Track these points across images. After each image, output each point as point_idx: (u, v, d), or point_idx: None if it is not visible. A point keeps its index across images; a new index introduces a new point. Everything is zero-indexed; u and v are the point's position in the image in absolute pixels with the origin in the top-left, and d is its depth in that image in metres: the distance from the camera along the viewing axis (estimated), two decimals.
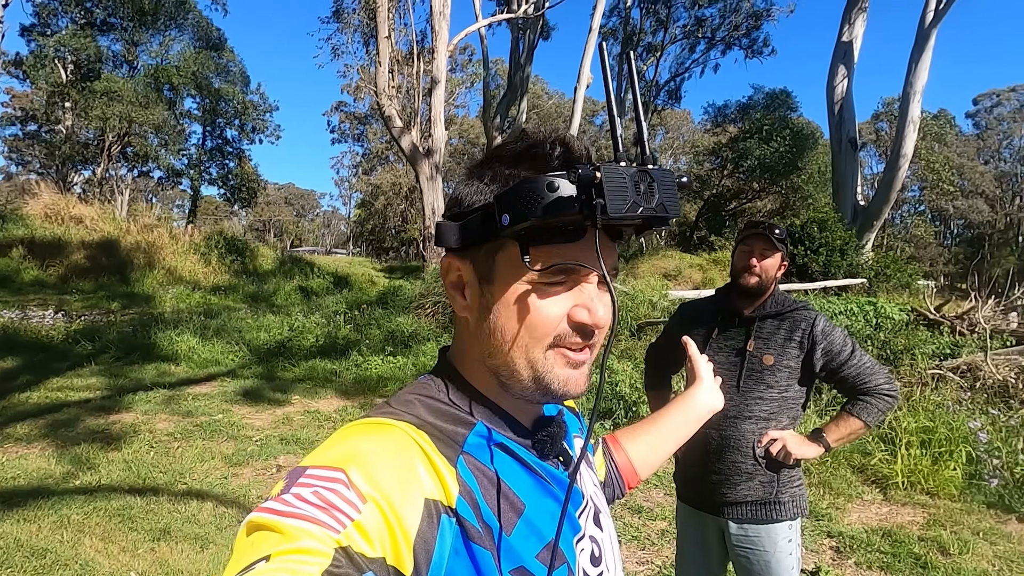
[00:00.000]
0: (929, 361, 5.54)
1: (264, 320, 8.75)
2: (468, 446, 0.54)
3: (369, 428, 0.53)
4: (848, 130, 16.14)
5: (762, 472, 1.71)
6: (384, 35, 12.42)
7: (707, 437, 1.77)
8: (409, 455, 0.51)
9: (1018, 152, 32.84)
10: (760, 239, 1.76)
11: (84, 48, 20.46)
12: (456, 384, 0.59)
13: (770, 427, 1.72)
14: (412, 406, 0.56)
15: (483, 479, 0.53)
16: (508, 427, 0.58)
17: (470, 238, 0.55)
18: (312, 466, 0.48)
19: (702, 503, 1.81)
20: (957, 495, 3.94)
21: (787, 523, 1.73)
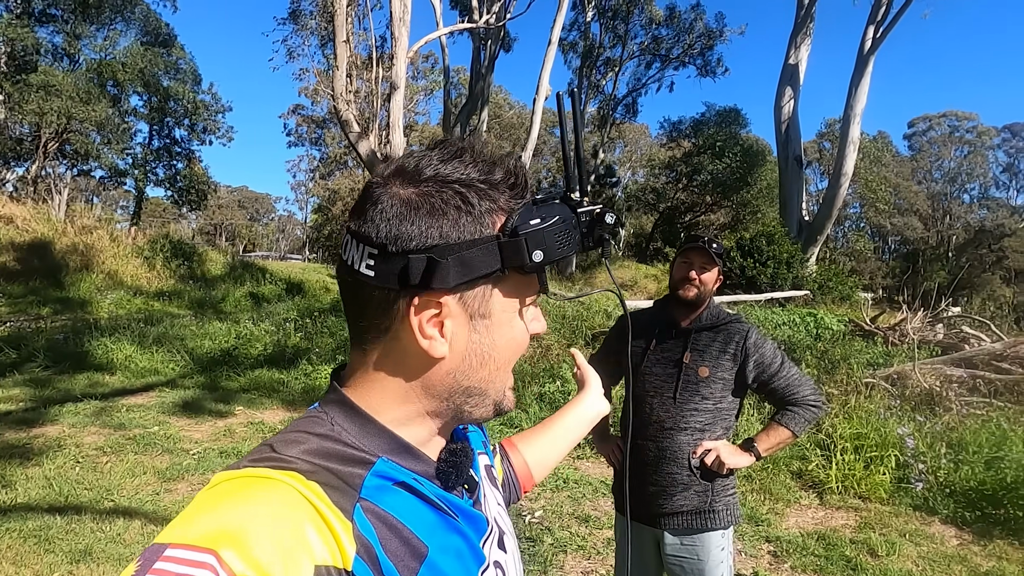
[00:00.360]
0: (864, 370, 5.81)
1: (209, 327, 8.42)
2: (366, 490, 0.50)
3: (247, 487, 0.46)
4: (794, 148, 16.89)
5: (697, 482, 1.74)
6: (342, 39, 12.23)
7: (643, 449, 1.79)
8: (296, 517, 0.45)
9: (947, 174, 35.08)
10: (699, 253, 1.81)
11: (20, 38, 19.34)
12: (352, 416, 0.54)
13: (705, 438, 1.75)
14: (299, 447, 0.50)
15: (382, 527, 0.49)
16: (412, 460, 0.55)
17: (473, 274, 0.51)
18: (174, 544, 0.41)
19: (639, 515, 1.82)
20: (886, 498, 4.13)
21: (721, 531, 1.76)
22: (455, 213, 0.51)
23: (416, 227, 0.50)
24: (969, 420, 4.76)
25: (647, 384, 1.82)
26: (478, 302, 0.53)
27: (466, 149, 0.54)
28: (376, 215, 0.51)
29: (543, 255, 0.52)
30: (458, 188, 0.51)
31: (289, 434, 0.52)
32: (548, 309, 8.71)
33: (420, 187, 0.51)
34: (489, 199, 0.52)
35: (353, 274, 0.52)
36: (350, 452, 0.52)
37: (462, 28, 16.69)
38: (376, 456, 0.52)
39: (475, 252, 0.51)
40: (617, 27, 23.51)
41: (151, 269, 13.85)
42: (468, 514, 0.58)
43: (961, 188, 35.55)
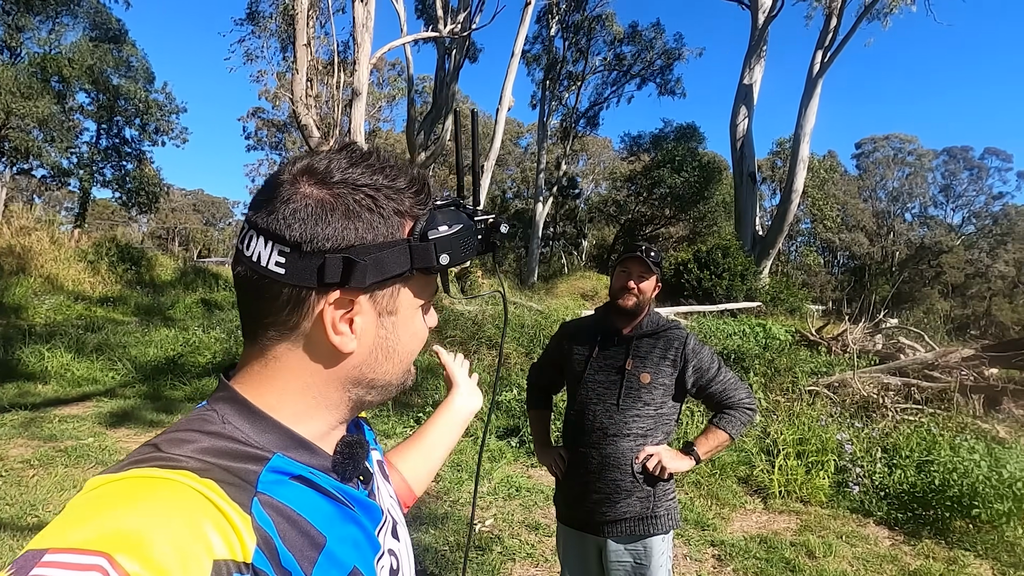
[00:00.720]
0: (808, 378, 6.03)
1: (155, 335, 8.09)
2: (263, 484, 0.50)
3: (137, 487, 0.44)
4: (748, 165, 17.50)
5: (640, 488, 1.75)
6: (303, 42, 12.06)
7: (587, 457, 1.79)
8: (192, 513, 0.43)
9: (891, 193, 37.00)
10: (637, 262, 1.84)
11: None
12: (245, 413, 0.54)
13: (647, 443, 1.77)
14: (189, 446, 0.49)
15: (280, 520, 0.49)
16: (306, 454, 0.55)
17: (386, 274, 0.54)
18: (54, 548, 0.38)
19: (583, 523, 1.82)
20: (826, 502, 4.29)
21: (662, 536, 1.79)
22: (368, 215, 0.53)
23: (332, 228, 0.51)
24: (903, 426, 5.00)
25: (590, 391, 1.83)
26: (387, 300, 0.56)
27: (372, 153, 0.56)
28: (288, 214, 0.51)
29: (449, 258, 0.56)
30: (368, 192, 0.53)
31: (176, 433, 0.51)
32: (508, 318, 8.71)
33: (332, 189, 0.52)
34: (396, 203, 0.55)
35: (259, 270, 0.52)
36: (244, 449, 0.51)
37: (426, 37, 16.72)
38: (271, 452, 0.52)
39: (388, 254, 0.53)
40: (580, 42, 23.97)
41: (95, 274, 13.24)
42: (364, 504, 0.59)
43: (903, 207, 37.52)
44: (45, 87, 19.80)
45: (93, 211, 32.33)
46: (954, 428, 4.87)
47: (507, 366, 7.38)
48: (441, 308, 8.87)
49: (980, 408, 5.27)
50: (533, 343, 8.01)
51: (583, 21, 23.37)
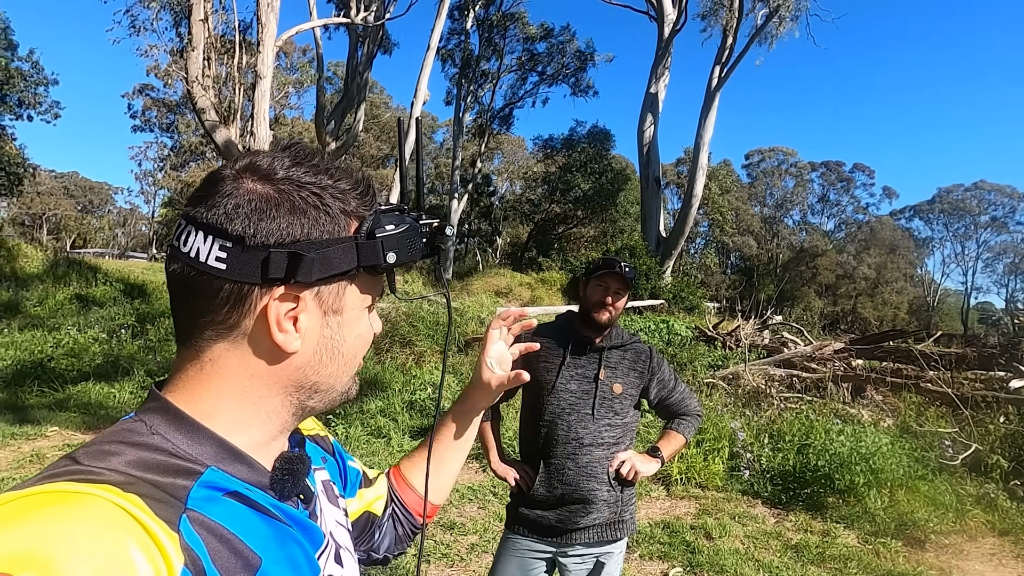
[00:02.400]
0: (706, 371, 6.48)
1: (16, 335, 7.17)
2: (192, 501, 0.46)
3: (48, 503, 0.40)
4: (654, 170, 18.48)
5: (614, 495, 1.78)
6: (199, 17, 11.16)
7: (562, 468, 1.78)
8: (114, 533, 0.39)
9: (776, 201, 40.69)
10: (616, 278, 1.84)
11: None
12: (177, 423, 0.50)
13: (616, 452, 1.81)
14: (113, 459, 0.45)
15: (211, 539, 0.46)
16: (244, 468, 0.52)
17: (331, 271, 0.53)
18: None
19: (546, 531, 1.80)
20: (721, 486, 4.63)
21: (624, 539, 1.85)
22: (315, 212, 0.52)
23: (277, 223, 0.50)
24: (786, 413, 5.50)
25: (562, 401, 1.81)
26: (332, 298, 0.55)
27: (316, 154, 0.56)
28: (231, 208, 0.50)
29: (396, 257, 0.56)
30: (314, 190, 0.52)
31: (98, 446, 0.47)
32: (422, 315, 8.61)
33: (276, 185, 0.51)
34: (342, 203, 0.54)
35: (197, 266, 0.50)
36: (174, 462, 0.48)
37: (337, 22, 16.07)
38: (204, 465, 0.49)
39: (335, 250, 0.52)
40: (495, 40, 24.10)
41: None
42: (303, 525, 0.56)
43: (786, 213, 41.30)
44: None
45: None
46: (828, 413, 5.44)
47: (420, 364, 7.28)
48: None
49: (848, 395, 5.92)
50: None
51: (496, 19, 23.52)
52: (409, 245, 0.57)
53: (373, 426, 5.34)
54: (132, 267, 18.85)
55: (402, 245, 0.56)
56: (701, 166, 17.57)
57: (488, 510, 4.00)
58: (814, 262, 37.39)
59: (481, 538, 3.58)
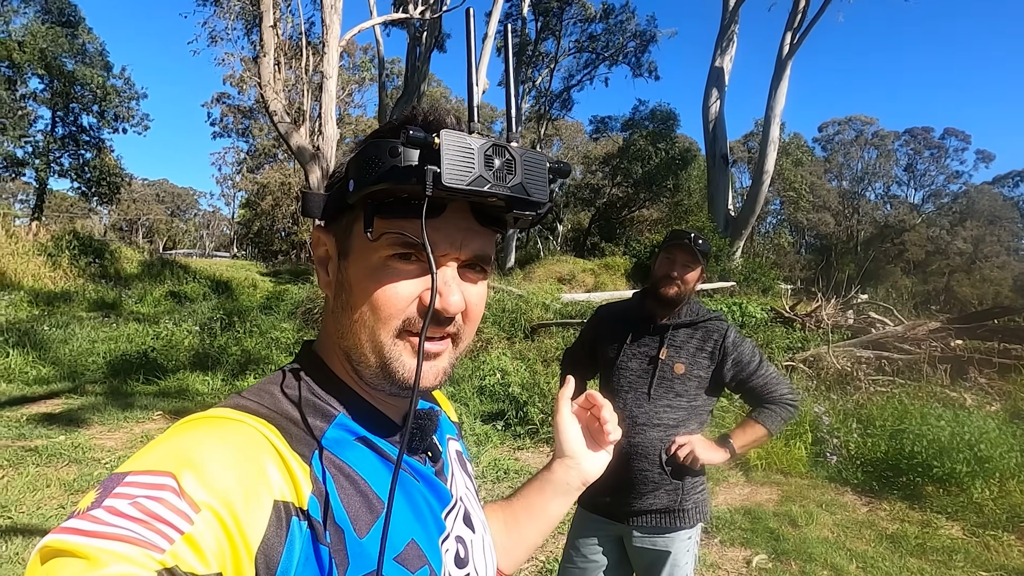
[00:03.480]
0: (784, 354, 6.17)
1: (124, 329, 7.85)
2: (326, 440, 0.50)
3: (208, 423, 0.47)
4: (721, 147, 17.70)
5: (668, 481, 1.70)
6: (269, 24, 11.69)
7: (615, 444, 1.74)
8: (256, 451, 0.45)
9: (856, 174, 37.97)
10: (684, 251, 1.74)
11: None
12: (316, 373, 0.55)
13: (678, 434, 1.71)
14: (265, 397, 0.51)
15: (340, 477, 0.49)
16: (372, 419, 0.54)
17: (331, 208, 0.53)
18: (134, 471, 0.41)
19: (606, 511, 1.77)
20: (805, 472, 4.41)
21: (688, 531, 1.74)
22: (362, 159, 0.47)
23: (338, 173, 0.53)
24: (876, 397, 5.16)
25: (622, 379, 1.77)
26: (342, 238, 0.53)
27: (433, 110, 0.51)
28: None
29: (354, 183, 0.47)
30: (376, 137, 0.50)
31: (259, 386, 0.53)
32: (488, 302, 8.70)
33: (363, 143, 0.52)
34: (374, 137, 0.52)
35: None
36: (312, 402, 0.52)
37: (396, 19, 16.37)
38: (337, 411, 0.53)
39: (337, 187, 0.52)
40: (552, 23, 23.77)
41: (56, 268, 12.75)
42: (429, 481, 0.57)
43: (867, 187, 38.51)
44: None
45: (51, 203, 31.03)
46: (924, 397, 5.05)
47: (488, 351, 7.37)
48: None
49: (947, 378, 5.47)
50: (514, 327, 8.01)
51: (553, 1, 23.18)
52: (367, 167, 0.45)
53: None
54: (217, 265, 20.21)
55: (361, 171, 0.46)
56: (772, 140, 16.64)
57: None
58: (900, 238, 34.71)
59: None
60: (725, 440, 1.74)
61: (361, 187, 0.46)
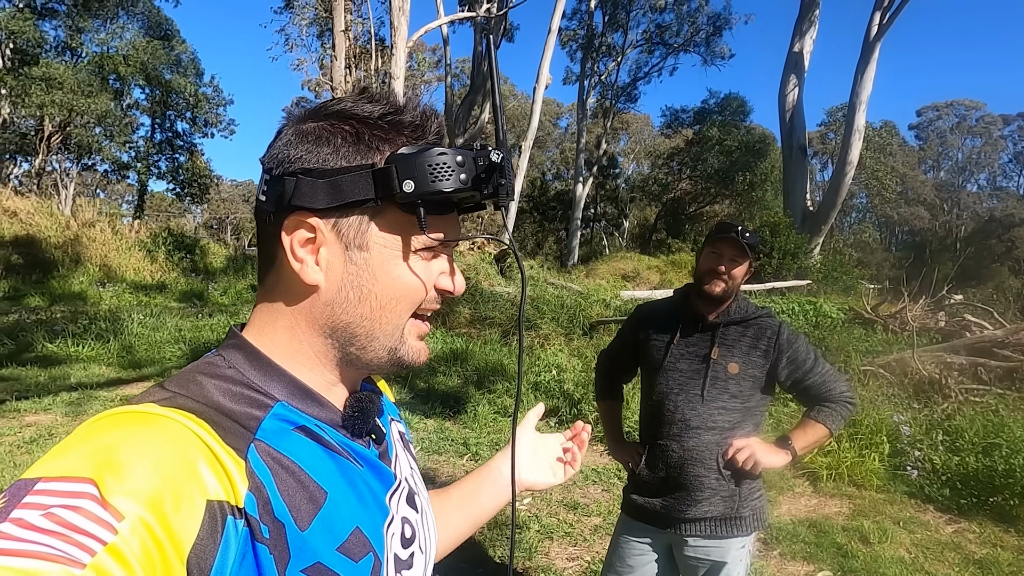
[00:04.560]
0: (862, 358, 5.74)
1: (210, 320, 8.45)
2: (263, 432, 0.48)
3: (128, 420, 0.43)
4: (798, 137, 16.70)
5: (725, 487, 1.62)
6: (340, 28, 12.18)
7: (666, 450, 1.66)
8: (185, 450, 0.42)
9: (956, 164, 34.71)
10: (730, 244, 1.64)
11: (23, 32, 19.39)
12: (252, 360, 0.52)
13: (733, 437, 1.63)
14: (193, 387, 0.48)
15: (279, 469, 0.47)
16: (313, 405, 0.53)
17: (343, 199, 0.50)
18: (45, 477, 0.38)
19: (656, 518, 1.69)
20: (881, 486, 4.08)
21: (742, 539, 1.66)
22: (340, 142, 0.51)
23: (298, 151, 0.50)
24: (967, 407, 4.69)
25: (670, 380, 1.68)
26: (353, 232, 0.52)
27: (384, 96, 0.53)
28: (275, 145, 0.52)
29: (414, 186, 0.50)
30: (354, 123, 0.51)
31: (184, 376, 0.51)
32: (547, 298, 8.67)
33: (320, 121, 0.52)
34: (384, 135, 0.52)
35: (256, 203, 0.54)
36: (248, 394, 0.50)
37: (462, 17, 16.58)
38: (275, 399, 0.51)
39: (348, 177, 0.50)
40: (619, 15, 23.28)
41: (153, 262, 13.91)
42: (373, 464, 0.56)
43: (969, 178, 35.15)
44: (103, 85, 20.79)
45: (151, 203, 33.93)
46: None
47: (544, 347, 7.34)
48: (480, 290, 8.89)
49: None
50: (572, 324, 7.94)
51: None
52: (435, 173, 0.50)
53: (500, 405, 5.50)
54: None
55: (423, 171, 0.50)
56: (857, 129, 15.50)
57: (612, 493, 3.93)
58: (1009, 233, 31.40)
59: (605, 520, 3.52)
60: (785, 442, 1.64)
61: (425, 190, 0.50)
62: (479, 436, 4.79)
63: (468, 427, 5.02)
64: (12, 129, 21.07)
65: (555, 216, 28.74)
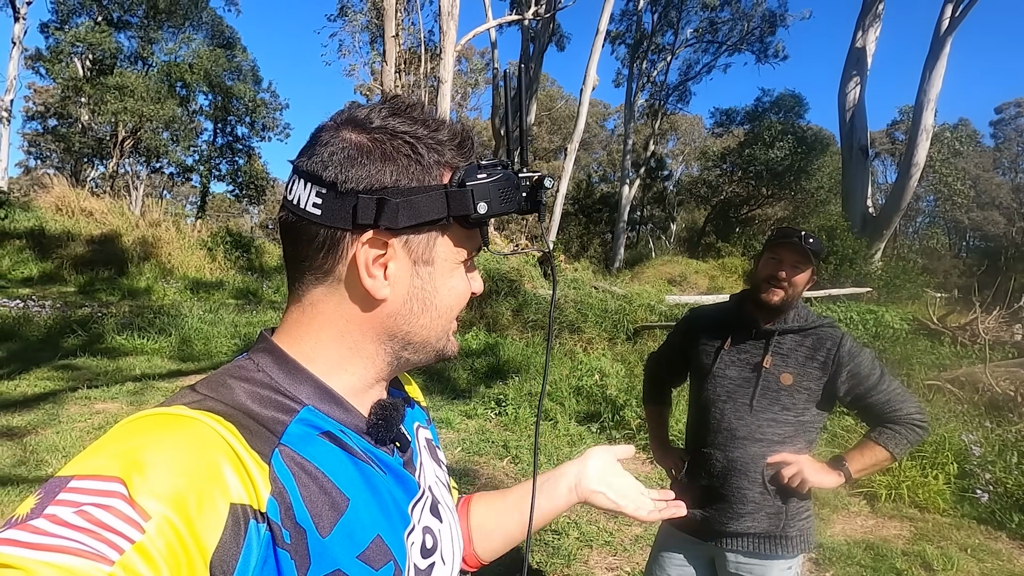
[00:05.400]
0: (927, 371, 5.41)
1: (263, 316, 8.78)
2: (288, 436, 0.49)
3: (158, 422, 0.45)
4: (859, 138, 15.93)
5: (770, 502, 1.54)
6: (391, 34, 12.45)
7: (710, 458, 1.60)
8: (211, 453, 0.44)
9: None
10: (792, 249, 1.55)
11: (100, 44, 20.78)
12: (282, 364, 0.53)
13: (783, 451, 1.55)
14: (223, 390, 0.50)
15: (302, 475, 0.48)
16: (339, 410, 0.54)
17: (421, 218, 0.52)
18: (78, 475, 0.40)
19: (697, 529, 1.63)
20: (946, 509, 3.82)
21: (788, 560, 1.58)
22: (405, 160, 0.52)
23: (367, 169, 0.51)
24: None
25: (719, 388, 1.62)
26: (422, 248, 0.54)
27: (416, 106, 0.55)
28: (327, 156, 0.51)
29: (487, 208, 0.54)
30: (407, 139, 0.52)
31: (214, 379, 0.52)
32: (590, 302, 8.58)
33: (371, 134, 0.52)
34: (436, 153, 0.53)
35: (298, 212, 0.52)
36: (275, 398, 0.51)
37: (510, 20, 16.66)
38: (302, 404, 0.52)
39: (423, 198, 0.52)
40: (670, 14, 22.84)
41: (213, 260, 14.58)
42: (396, 472, 0.57)
43: None
44: (171, 92, 22.00)
45: (212, 204, 35.64)
46: None
47: (588, 351, 7.26)
48: (523, 291, 8.89)
49: None
50: (616, 328, 7.82)
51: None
52: (502, 196, 0.55)
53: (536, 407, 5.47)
54: None
55: (494, 195, 0.54)
56: (924, 128, 14.64)
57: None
58: None
59: (646, 531, 3.44)
60: (839, 462, 1.54)
61: (498, 212, 0.54)
62: (519, 439, 4.78)
63: (509, 429, 5.02)
64: (90, 134, 22.59)
65: (600, 219, 28.45)
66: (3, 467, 3.62)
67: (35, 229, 12.96)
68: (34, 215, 13.82)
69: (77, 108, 22.11)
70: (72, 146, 22.32)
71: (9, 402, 4.80)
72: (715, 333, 1.67)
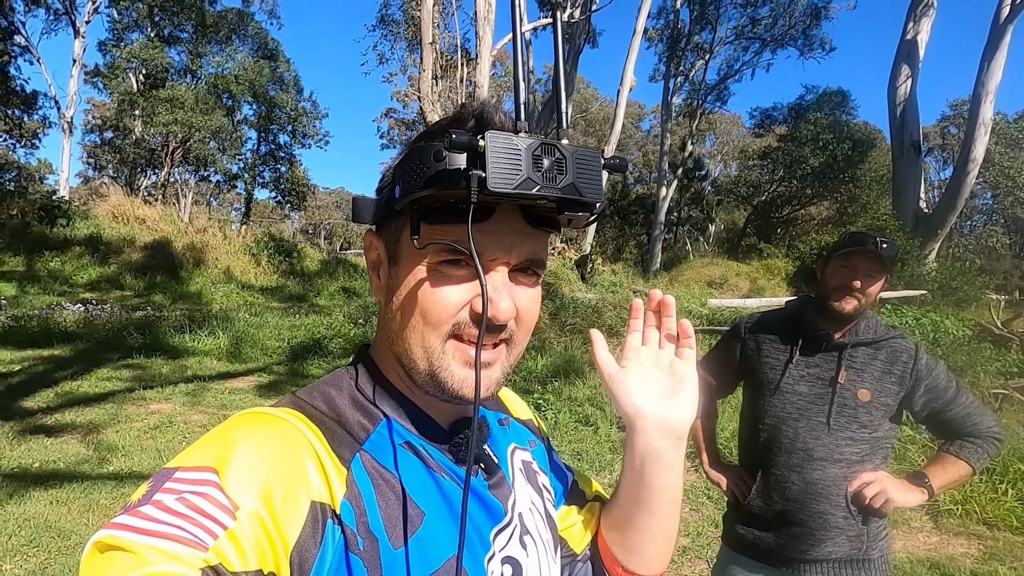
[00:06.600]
0: (994, 380, 5.11)
1: (305, 319, 9.00)
2: (369, 444, 0.50)
3: (254, 420, 0.48)
4: (911, 133, 15.26)
5: (853, 526, 1.46)
6: (428, 41, 12.60)
7: (784, 482, 1.52)
8: (297, 451, 0.46)
9: None
10: (868, 258, 1.47)
11: (153, 59, 21.77)
12: (369, 375, 0.55)
13: (862, 471, 1.48)
14: (316, 397, 0.53)
15: (380, 483, 0.48)
16: (420, 425, 0.53)
17: (379, 214, 0.52)
18: (182, 467, 0.43)
19: (767, 555, 1.55)
20: (1019, 527, 3.59)
21: None
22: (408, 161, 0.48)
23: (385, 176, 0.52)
24: None
25: (788, 404, 1.53)
26: (392, 243, 0.52)
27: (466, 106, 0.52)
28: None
29: (400, 190, 0.46)
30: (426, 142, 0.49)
31: (315, 385, 0.55)
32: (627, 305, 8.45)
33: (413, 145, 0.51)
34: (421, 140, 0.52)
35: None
36: (361, 404, 0.53)
37: (545, 24, 16.65)
38: (385, 414, 0.53)
39: (385, 191, 0.51)
40: (708, 10, 22.41)
41: (257, 265, 15.05)
42: (480, 496, 0.54)
43: None
44: (217, 103, 22.84)
45: (256, 210, 36.83)
46: None
47: None
48: (560, 295, 8.83)
49: None
50: None
51: None
52: (413, 172, 0.45)
53: (581, 414, 5.40)
54: None
55: (406, 173, 0.45)
56: (983, 122, 13.91)
57: (701, 513, 3.73)
58: None
59: (694, 542, 3.35)
60: (921, 479, 1.46)
61: (407, 193, 0.46)
62: (560, 444, 4.74)
63: (549, 435, 4.98)
64: (143, 145, 23.67)
65: (636, 220, 28.09)
66: (68, 464, 3.80)
67: (94, 236, 13.63)
68: (93, 222, 14.54)
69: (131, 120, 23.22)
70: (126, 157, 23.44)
71: (73, 400, 5.04)
72: (779, 343, 1.59)
